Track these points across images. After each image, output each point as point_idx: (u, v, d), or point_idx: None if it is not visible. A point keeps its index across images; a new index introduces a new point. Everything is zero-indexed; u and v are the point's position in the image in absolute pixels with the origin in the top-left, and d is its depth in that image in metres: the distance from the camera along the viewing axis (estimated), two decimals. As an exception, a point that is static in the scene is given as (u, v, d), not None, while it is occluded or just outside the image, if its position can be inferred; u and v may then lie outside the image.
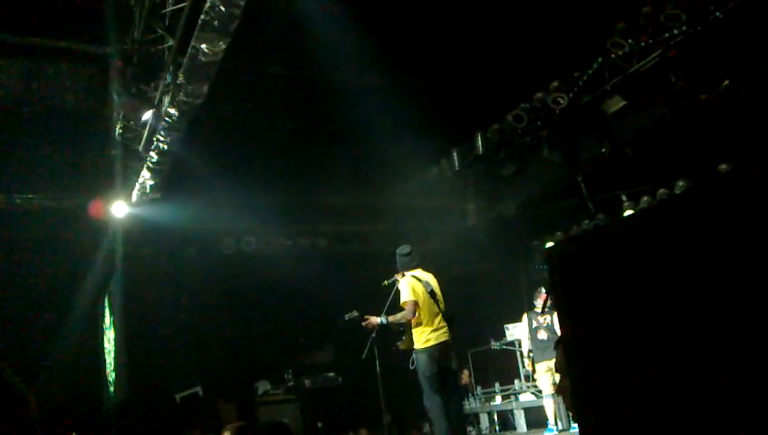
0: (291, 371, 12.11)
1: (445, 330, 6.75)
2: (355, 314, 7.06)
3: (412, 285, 6.75)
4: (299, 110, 10.19)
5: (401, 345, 6.83)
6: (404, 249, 7.06)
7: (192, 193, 10.34)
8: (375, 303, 7.11)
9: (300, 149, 10.62)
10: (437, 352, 6.61)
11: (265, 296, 12.18)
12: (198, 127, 8.78)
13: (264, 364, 12.29)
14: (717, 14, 7.34)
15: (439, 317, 6.74)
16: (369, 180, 11.42)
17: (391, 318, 6.76)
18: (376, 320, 6.78)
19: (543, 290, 10.09)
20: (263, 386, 11.69)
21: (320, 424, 11.64)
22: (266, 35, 8.55)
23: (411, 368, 6.74)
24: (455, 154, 11.31)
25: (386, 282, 7.16)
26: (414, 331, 6.69)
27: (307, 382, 12.07)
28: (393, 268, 7.28)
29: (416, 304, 6.65)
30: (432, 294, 6.80)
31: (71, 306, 11.50)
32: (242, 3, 6.32)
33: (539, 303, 9.92)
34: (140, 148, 8.98)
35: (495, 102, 10.12)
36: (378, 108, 9.15)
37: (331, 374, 12.28)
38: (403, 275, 6.98)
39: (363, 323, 6.85)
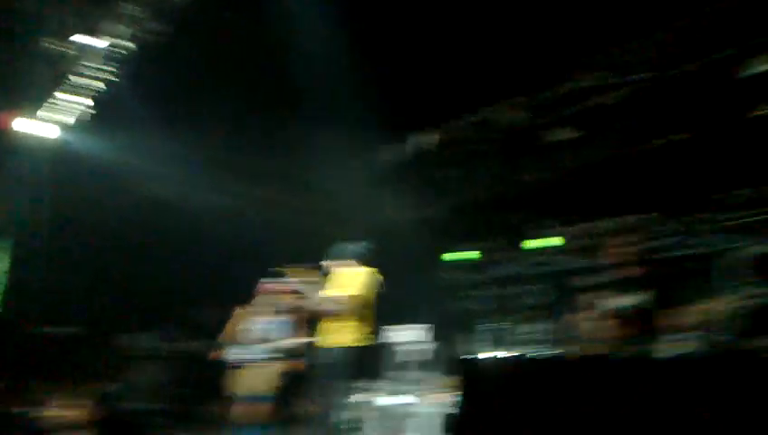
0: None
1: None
2: None
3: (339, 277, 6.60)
4: (249, 67, 9.84)
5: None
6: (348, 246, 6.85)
7: (124, 129, 9.90)
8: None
9: (243, 107, 10.31)
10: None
11: (171, 247, 11.76)
12: (144, 62, 8.41)
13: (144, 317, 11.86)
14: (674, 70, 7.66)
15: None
16: (302, 153, 11.21)
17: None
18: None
19: None
20: (138, 339, 11.34)
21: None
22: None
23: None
24: (389, 149, 11.41)
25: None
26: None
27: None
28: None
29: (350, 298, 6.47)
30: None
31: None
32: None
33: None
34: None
35: (438, 109, 10.15)
36: (329, 84, 8.98)
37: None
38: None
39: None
